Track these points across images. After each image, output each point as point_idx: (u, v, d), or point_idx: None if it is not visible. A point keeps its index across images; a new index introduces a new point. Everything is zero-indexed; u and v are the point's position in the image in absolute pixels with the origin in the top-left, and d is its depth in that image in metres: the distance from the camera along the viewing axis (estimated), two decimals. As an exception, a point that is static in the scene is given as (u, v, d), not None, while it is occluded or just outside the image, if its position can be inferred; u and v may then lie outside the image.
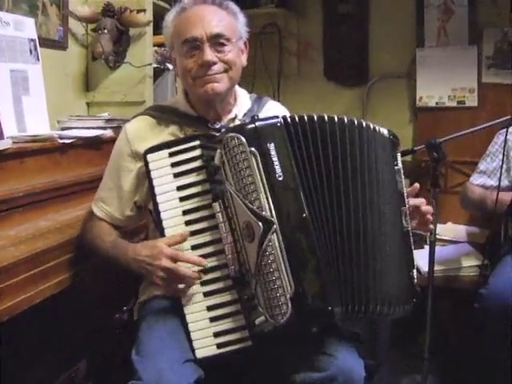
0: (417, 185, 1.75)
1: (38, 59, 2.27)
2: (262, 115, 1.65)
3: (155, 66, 2.93)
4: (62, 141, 2.13)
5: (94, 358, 2.28)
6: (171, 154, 1.63)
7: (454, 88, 3.64)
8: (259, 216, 1.48)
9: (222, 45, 1.70)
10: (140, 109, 2.66)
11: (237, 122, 1.80)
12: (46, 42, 2.51)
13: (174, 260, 1.57)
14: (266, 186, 1.49)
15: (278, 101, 2.05)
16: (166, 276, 1.57)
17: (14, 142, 1.95)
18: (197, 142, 1.63)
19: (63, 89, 2.74)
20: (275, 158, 1.50)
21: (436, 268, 2.17)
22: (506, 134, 2.48)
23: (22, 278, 1.61)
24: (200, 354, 1.58)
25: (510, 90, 3.51)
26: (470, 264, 2.81)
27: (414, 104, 3.75)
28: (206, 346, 1.59)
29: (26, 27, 2.23)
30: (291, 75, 4.04)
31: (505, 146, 2.52)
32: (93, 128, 2.39)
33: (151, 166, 1.63)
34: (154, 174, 1.63)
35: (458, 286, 2.79)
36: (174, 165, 1.63)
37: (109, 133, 2.41)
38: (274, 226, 1.47)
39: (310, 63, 4.02)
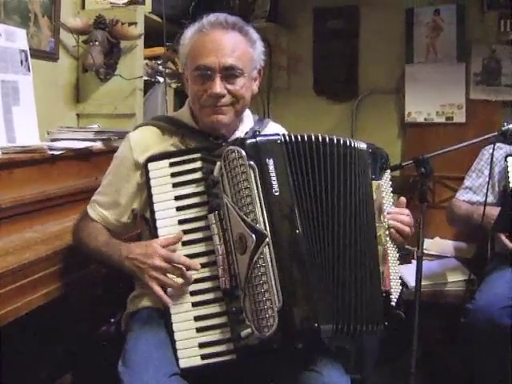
0: (403, 199, 1.77)
1: (29, 70, 2.28)
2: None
3: (146, 78, 2.93)
4: (51, 152, 2.13)
5: (79, 371, 2.27)
6: (172, 164, 1.65)
7: (442, 104, 3.67)
8: (253, 228, 1.50)
9: (234, 77, 1.69)
10: (130, 121, 2.69)
11: None
12: (37, 53, 2.52)
13: (168, 261, 1.58)
14: (262, 200, 1.51)
15: (268, 115, 2.06)
16: (157, 276, 1.58)
17: (3, 153, 1.95)
18: (198, 155, 1.65)
19: (53, 100, 2.74)
20: (273, 174, 1.53)
21: (423, 283, 2.17)
22: (493, 150, 2.50)
23: (9, 290, 1.60)
24: (183, 363, 1.58)
25: (497, 106, 3.56)
26: (456, 279, 2.82)
27: (403, 119, 3.78)
28: (190, 356, 1.58)
29: (18, 38, 2.24)
30: (281, 89, 4.06)
31: (491, 162, 2.54)
32: (82, 140, 2.38)
33: (151, 174, 1.65)
34: (153, 183, 1.64)
35: (444, 300, 2.79)
36: (173, 175, 1.64)
37: (98, 145, 2.41)
38: (267, 239, 1.49)
39: (300, 78, 4.04)
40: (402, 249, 1.76)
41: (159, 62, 3.04)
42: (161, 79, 3.02)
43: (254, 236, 1.49)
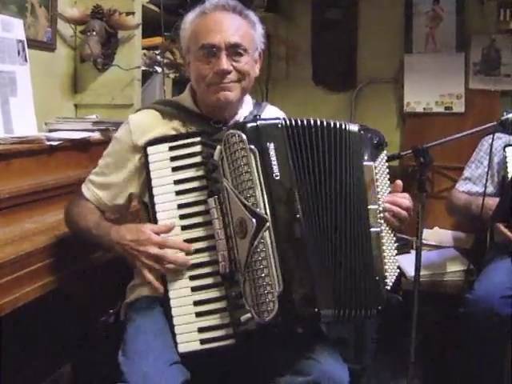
0: (399, 182, 1.74)
1: (26, 60, 2.27)
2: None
3: (144, 68, 2.92)
4: (49, 143, 2.12)
5: (78, 361, 2.27)
6: (171, 148, 1.65)
7: (441, 94, 3.67)
8: (253, 212, 1.50)
9: (239, 54, 1.70)
10: (128, 112, 2.67)
11: None
12: (34, 44, 2.50)
13: (162, 246, 1.58)
14: (263, 184, 1.51)
15: (267, 105, 2.05)
16: (150, 263, 1.58)
17: (0, 144, 1.94)
18: (198, 139, 1.65)
19: (51, 90, 2.73)
20: (274, 158, 1.53)
21: (422, 273, 2.17)
22: (492, 140, 2.49)
23: (6, 280, 1.60)
24: (182, 348, 1.58)
25: (496, 96, 3.55)
26: (455, 269, 2.83)
27: (402, 109, 3.77)
28: (189, 340, 1.59)
29: (15, 28, 2.23)
30: (280, 80, 4.05)
31: (490, 152, 2.54)
32: (80, 130, 2.37)
33: (151, 158, 1.64)
34: (152, 167, 1.64)
35: (443, 290, 2.80)
36: (173, 159, 1.65)
37: (96, 135, 2.40)
38: (267, 224, 1.49)
39: (299, 68, 4.03)
40: (398, 238, 1.74)
41: (157, 52, 3.03)
42: (159, 69, 3.01)
43: (254, 220, 1.49)
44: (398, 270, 1.70)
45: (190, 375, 1.57)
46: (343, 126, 1.65)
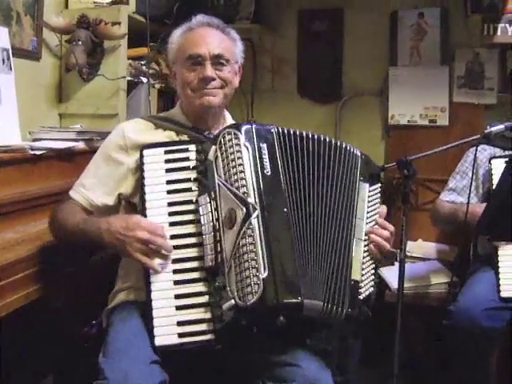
0: (383, 209, 1.85)
1: (11, 69, 2.26)
2: None
3: (129, 78, 2.92)
4: (33, 152, 2.12)
5: (61, 372, 2.25)
6: (167, 152, 1.73)
7: (425, 107, 3.69)
8: (243, 201, 1.57)
9: (222, 64, 1.86)
10: (113, 122, 2.67)
11: None
12: (19, 52, 2.50)
13: (150, 232, 1.60)
14: (254, 177, 1.61)
15: (252, 116, 2.09)
16: (140, 247, 1.59)
17: (-17, 153, 1.93)
18: (192, 145, 1.73)
19: (36, 100, 2.72)
20: (266, 156, 1.65)
21: (406, 285, 2.17)
22: (476, 152, 2.52)
23: (-12, 290, 1.59)
24: (159, 341, 1.57)
25: (480, 109, 3.57)
26: (439, 281, 2.83)
27: (386, 122, 3.78)
28: (167, 333, 1.57)
29: (-1, 37, 2.22)
30: (265, 91, 4.05)
31: (474, 164, 2.56)
32: (65, 140, 2.37)
33: (146, 159, 1.71)
34: (146, 167, 1.71)
35: (427, 302, 2.81)
36: (167, 161, 1.72)
37: (81, 145, 2.39)
38: (257, 212, 1.56)
39: (284, 79, 4.04)
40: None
41: (143, 63, 3.03)
42: (144, 80, 3.01)
43: (244, 208, 1.56)
44: (373, 288, 1.75)
45: (168, 377, 1.57)
46: (335, 142, 1.78)
